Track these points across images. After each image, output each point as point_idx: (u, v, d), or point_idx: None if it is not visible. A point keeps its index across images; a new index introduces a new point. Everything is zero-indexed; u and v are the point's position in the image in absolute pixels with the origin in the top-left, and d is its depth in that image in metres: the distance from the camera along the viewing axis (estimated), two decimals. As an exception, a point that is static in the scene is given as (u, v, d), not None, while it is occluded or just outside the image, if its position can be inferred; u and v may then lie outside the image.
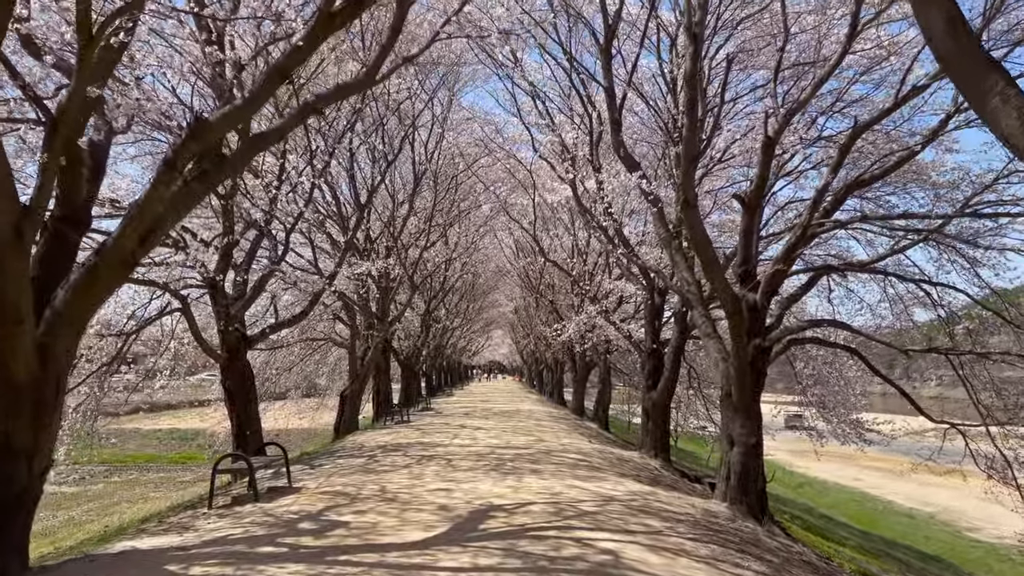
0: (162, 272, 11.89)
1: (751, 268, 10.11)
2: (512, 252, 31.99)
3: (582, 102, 14.67)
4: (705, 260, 9.01)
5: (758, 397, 10.02)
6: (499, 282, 42.44)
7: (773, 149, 9.49)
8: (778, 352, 10.37)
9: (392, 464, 11.33)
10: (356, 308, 18.47)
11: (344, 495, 8.48)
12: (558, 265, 17.94)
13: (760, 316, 10.00)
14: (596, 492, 8.93)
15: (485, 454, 12.45)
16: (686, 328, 15.92)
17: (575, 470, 10.92)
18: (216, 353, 12.38)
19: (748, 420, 9.84)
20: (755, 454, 9.85)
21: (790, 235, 9.61)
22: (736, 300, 9.40)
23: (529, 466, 11.04)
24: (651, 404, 15.91)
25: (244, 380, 12.56)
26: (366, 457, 12.39)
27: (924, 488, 34.23)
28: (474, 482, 9.43)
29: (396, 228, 19.33)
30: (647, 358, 16.33)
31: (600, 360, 24.29)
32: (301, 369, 26.46)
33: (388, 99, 15.00)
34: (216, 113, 5.98)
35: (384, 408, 22.27)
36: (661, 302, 16.75)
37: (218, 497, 8.64)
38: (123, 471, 34.92)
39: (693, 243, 8.89)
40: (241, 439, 12.33)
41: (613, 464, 12.48)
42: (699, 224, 8.87)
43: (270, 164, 12.87)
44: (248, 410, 12.50)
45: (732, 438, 9.92)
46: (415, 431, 17.20)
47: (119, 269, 5.87)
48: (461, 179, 21.15)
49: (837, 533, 20.87)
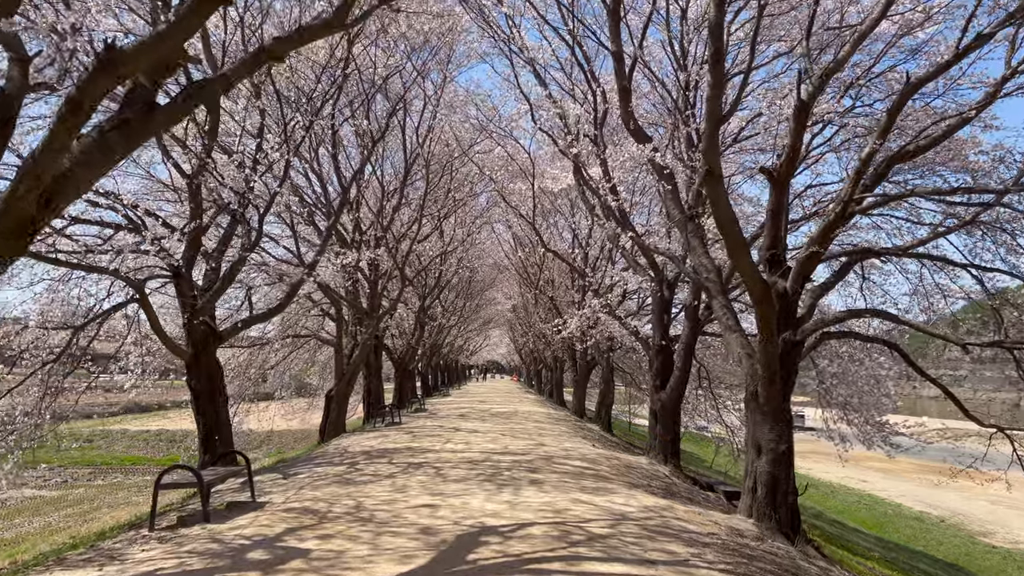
0: (119, 260, 10.72)
1: (779, 253, 8.91)
2: (511, 247, 30.81)
3: (586, 77, 13.46)
4: (731, 240, 7.81)
5: (788, 398, 8.82)
6: (497, 279, 41.23)
7: (807, 115, 8.28)
8: (809, 347, 9.17)
9: (374, 473, 10.12)
10: (343, 302, 17.25)
11: (312, 513, 7.27)
12: (559, 255, 16.75)
13: (791, 306, 8.80)
14: (606, 509, 7.72)
15: (479, 461, 11.24)
16: (698, 323, 14.73)
17: (580, 480, 9.71)
18: (181, 349, 11.16)
19: (777, 424, 8.64)
20: (785, 463, 8.64)
21: (828, 213, 8.39)
22: (766, 288, 8.20)
23: (528, 475, 9.83)
24: (660, 405, 14.71)
25: (213, 379, 11.34)
26: (347, 464, 11.17)
27: (930, 490, 33.23)
28: (465, 496, 8.22)
29: (386, 217, 18.12)
30: (655, 356, 15.13)
31: (602, 359, 23.09)
32: (287, 368, 25.26)
33: (374, 74, 13.78)
34: (134, 42, 4.77)
35: (375, 409, 21.04)
36: (670, 295, 15.55)
37: (169, 515, 7.44)
38: (108, 474, 33.76)
39: (717, 221, 7.69)
40: (209, 445, 11.12)
41: (621, 472, 11.27)
42: (724, 199, 7.67)
43: (245, 145, 11.69)
44: (217, 413, 11.28)
45: (759, 445, 8.71)
46: (405, 434, 15.99)
47: (12, 240, 4.66)
48: (456, 166, 19.93)
49: (857, 543, 19.74)
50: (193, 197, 11.37)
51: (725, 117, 7.50)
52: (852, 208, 8.06)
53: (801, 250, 8.82)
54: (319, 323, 22.69)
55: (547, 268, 27.69)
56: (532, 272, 28.45)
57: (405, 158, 17.76)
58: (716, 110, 7.46)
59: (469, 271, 34.24)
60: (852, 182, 7.78)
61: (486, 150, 19.71)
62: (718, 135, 7.51)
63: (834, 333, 9.12)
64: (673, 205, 10.21)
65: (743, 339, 9.35)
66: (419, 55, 14.19)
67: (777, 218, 8.91)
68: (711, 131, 7.46)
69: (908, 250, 9.50)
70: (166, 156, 10.82)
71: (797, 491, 8.79)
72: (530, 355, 50.60)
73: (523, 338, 46.47)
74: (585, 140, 13.48)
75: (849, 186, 7.82)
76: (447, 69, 15.92)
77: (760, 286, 8.18)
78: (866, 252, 10.17)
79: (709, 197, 7.73)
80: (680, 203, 10.29)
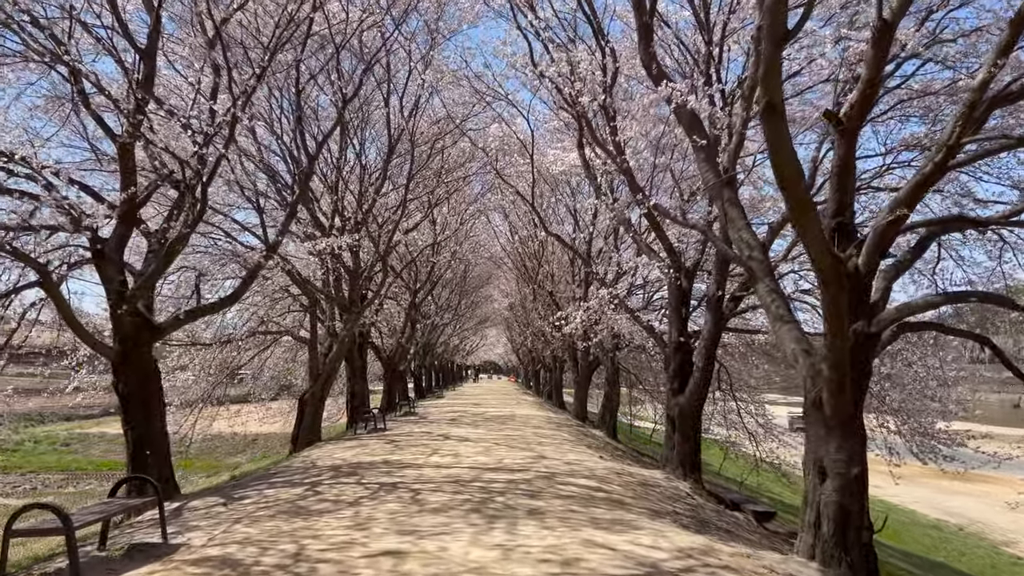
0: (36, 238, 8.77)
1: (848, 221, 7.00)
2: (507, 239, 28.89)
3: (594, 31, 11.54)
4: (795, 198, 5.88)
5: (861, 408, 6.91)
6: (493, 275, 39.31)
7: (890, 39, 6.35)
8: (885, 342, 7.23)
9: (336, 498, 8.16)
10: (317, 293, 15.28)
11: (233, 564, 5.32)
12: (561, 239, 14.81)
13: (864, 290, 6.89)
14: (630, 556, 5.77)
15: (467, 481, 9.28)
16: (722, 317, 12.80)
17: (591, 508, 7.76)
18: (102, 345, 9.20)
19: (847, 441, 6.72)
20: (858, 491, 6.72)
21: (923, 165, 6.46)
22: (837, 264, 6.28)
23: (526, 502, 7.88)
24: (678, 411, 12.77)
25: (146, 383, 9.36)
26: (307, 485, 9.21)
27: (942, 495, 31.53)
28: (444, 535, 6.26)
29: (367, 200, 16.16)
30: (672, 354, 13.20)
31: (607, 358, 21.13)
32: (267, 367, 23.27)
33: (347, 27, 11.79)
34: None
35: (358, 414, 19.06)
36: (688, 286, 13.61)
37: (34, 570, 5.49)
38: (82, 480, 31.69)
39: (779, 171, 5.76)
40: (138, 463, 9.14)
41: (638, 494, 9.33)
42: (788, 142, 5.75)
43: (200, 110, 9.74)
44: (150, 424, 9.30)
45: (823, 467, 6.79)
46: (387, 444, 14.04)
47: None
48: (447, 143, 17.94)
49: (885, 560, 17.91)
50: (124, 163, 9.41)
51: (790, 34, 5.62)
52: (953, 157, 6.12)
53: (879, 217, 6.87)
54: (299, 319, 20.72)
55: (546, 261, 25.75)
56: (531, 266, 26.52)
57: (389, 133, 15.80)
58: (778, 25, 5.51)
59: (464, 265, 32.29)
60: (961, 119, 5.84)
61: (481, 126, 17.74)
62: (780, 56, 5.58)
63: (916, 324, 7.20)
64: (707, 166, 8.28)
65: (799, 332, 7.42)
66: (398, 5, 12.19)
67: (845, 177, 6.99)
68: (770, 54, 5.53)
69: (1011, 216, 7.57)
70: (85, 106, 8.84)
71: (872, 526, 6.87)
72: (528, 355, 48.65)
73: (520, 337, 44.50)
74: (593, 104, 11.54)
75: (955, 126, 5.88)
76: (437, 27, 13.95)
77: (830, 261, 6.26)
78: (959, 221, 8.20)
79: (768, 139, 5.79)
80: (715, 163, 8.36)
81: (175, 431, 18.42)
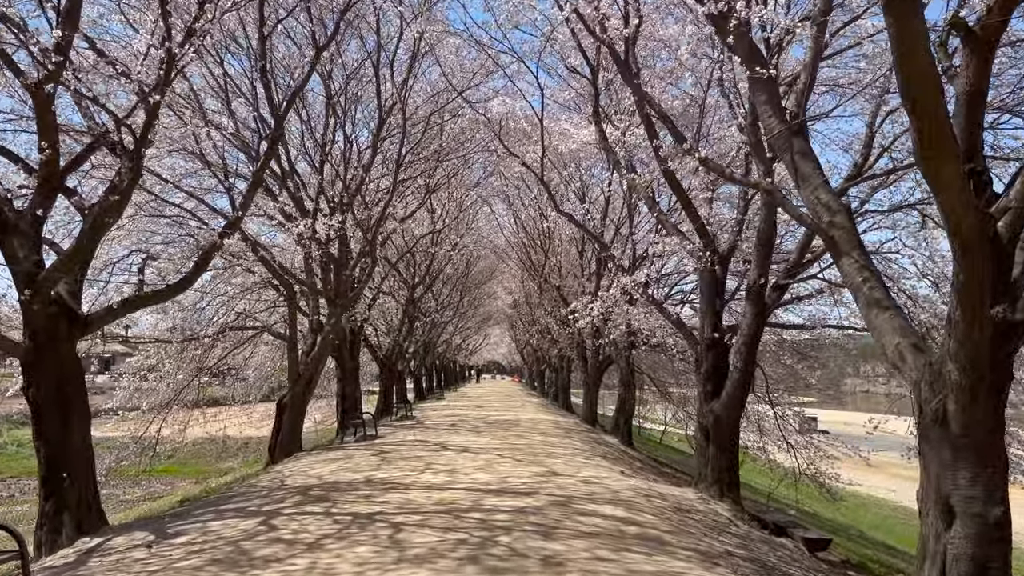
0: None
1: (981, 169, 5.14)
2: (511, 230, 27.08)
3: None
4: (932, 126, 4.03)
5: (1002, 421, 5.05)
6: (496, 270, 37.47)
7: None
8: (1025, 335, 5.37)
9: (293, 536, 6.32)
10: (295, 284, 13.45)
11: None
12: (573, 219, 12.96)
13: (1008, 261, 5.02)
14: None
15: (463, 511, 7.42)
16: (764, 309, 10.94)
17: (624, 553, 5.89)
18: (8, 340, 7.38)
19: (985, 469, 4.87)
20: (999, 538, 4.86)
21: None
22: (983, 222, 4.44)
23: (539, 545, 6.01)
24: (712, 419, 10.90)
25: (64, 386, 7.53)
26: (264, 515, 7.37)
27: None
28: (426, 607, 4.43)
29: (355, 179, 14.34)
30: (705, 353, 11.35)
31: (621, 357, 19.24)
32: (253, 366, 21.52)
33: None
34: None
35: (349, 419, 17.23)
36: (723, 273, 11.76)
37: None
38: (64, 486, 30.11)
39: (909, 84, 3.93)
40: (52, 486, 7.31)
41: (676, 526, 7.46)
42: (923, 38, 3.91)
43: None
44: (67, 437, 7.47)
45: (949, 505, 4.93)
46: (375, 455, 12.21)
47: None
48: (445, 116, 16.07)
49: None
50: (41, 113, 7.60)
51: None
52: None
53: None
54: (285, 315, 18.89)
55: (553, 253, 23.90)
56: (536, 258, 24.69)
57: (379, 105, 13.96)
58: None
59: (466, 260, 30.43)
60: None
61: (483, 99, 15.88)
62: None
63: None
64: (770, 109, 6.40)
65: (903, 321, 5.56)
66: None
67: (975, 107, 5.11)
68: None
69: None
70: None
71: (1017, 587, 5.01)
72: (533, 354, 46.77)
73: (525, 335, 42.61)
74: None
75: None
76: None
77: (973, 216, 4.42)
78: None
79: (895, 37, 3.95)
80: (780, 106, 6.50)
81: (153, 435, 16.65)
